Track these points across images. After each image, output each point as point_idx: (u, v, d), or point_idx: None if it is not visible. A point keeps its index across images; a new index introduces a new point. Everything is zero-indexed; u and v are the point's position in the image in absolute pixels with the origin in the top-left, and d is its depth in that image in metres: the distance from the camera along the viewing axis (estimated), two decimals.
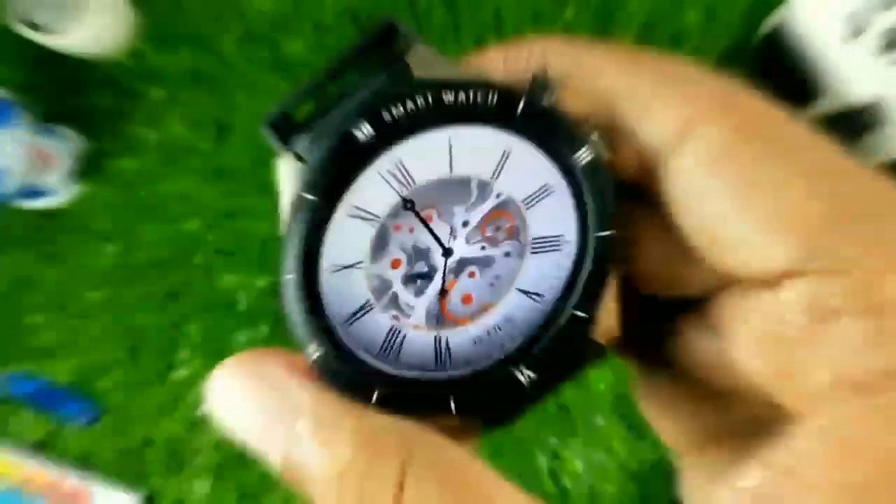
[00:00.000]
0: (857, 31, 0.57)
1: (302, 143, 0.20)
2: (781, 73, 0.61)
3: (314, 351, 0.19)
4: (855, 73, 0.57)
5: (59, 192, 0.63)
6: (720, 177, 0.18)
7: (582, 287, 0.20)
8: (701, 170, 0.18)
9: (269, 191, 0.61)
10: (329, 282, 0.20)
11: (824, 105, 0.59)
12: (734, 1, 0.62)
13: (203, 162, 0.62)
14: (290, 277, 0.19)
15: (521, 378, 0.19)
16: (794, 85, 0.60)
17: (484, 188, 0.20)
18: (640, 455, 0.57)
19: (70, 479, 0.60)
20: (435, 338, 0.20)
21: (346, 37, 0.62)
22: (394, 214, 0.20)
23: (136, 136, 0.63)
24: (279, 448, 0.18)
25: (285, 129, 0.21)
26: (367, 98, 0.20)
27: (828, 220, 0.17)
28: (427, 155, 0.20)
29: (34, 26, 0.58)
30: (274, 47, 0.62)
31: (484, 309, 0.20)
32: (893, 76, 0.57)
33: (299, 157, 0.20)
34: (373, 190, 0.20)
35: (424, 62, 0.21)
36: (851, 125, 0.60)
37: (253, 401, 0.18)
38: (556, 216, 0.20)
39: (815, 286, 0.17)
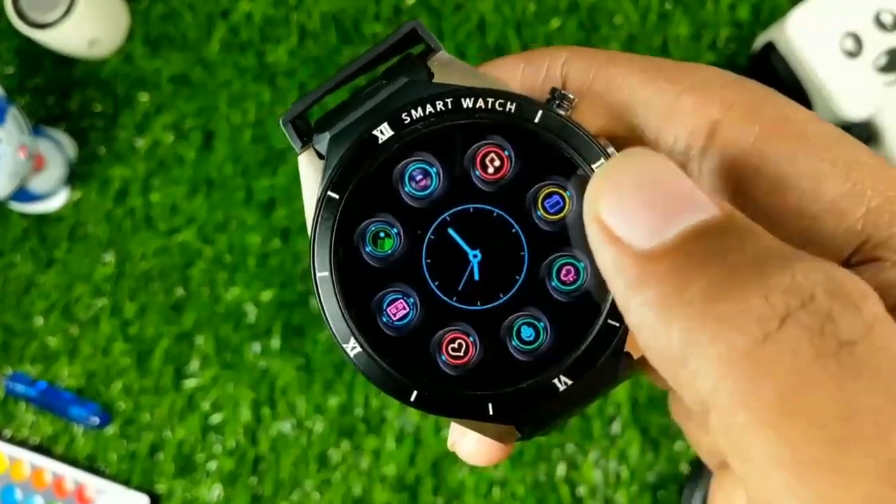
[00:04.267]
0: (855, 50, 0.55)
1: (321, 141, 0.20)
2: (773, 87, 0.60)
3: (352, 347, 0.19)
4: (851, 90, 0.56)
5: (53, 196, 0.61)
6: (752, 174, 0.18)
7: (611, 296, 0.20)
8: (733, 169, 0.18)
9: (255, 203, 0.61)
10: (365, 280, 0.20)
11: None
12: (725, 15, 0.59)
13: (189, 172, 0.61)
14: (324, 275, 0.20)
15: (559, 385, 0.20)
16: None
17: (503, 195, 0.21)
18: (654, 466, 0.57)
19: (74, 478, 0.59)
20: (476, 339, 0.20)
21: (330, 45, 0.61)
22: (417, 216, 0.20)
23: (125, 143, 0.62)
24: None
25: (304, 127, 0.21)
26: (387, 100, 0.20)
27: (874, 213, 0.17)
28: (444, 158, 0.20)
29: (28, 20, 0.56)
30: (259, 55, 0.61)
31: (522, 313, 0.20)
32: (890, 95, 0.55)
33: (319, 155, 0.21)
34: (394, 191, 0.20)
35: (444, 68, 0.21)
36: None
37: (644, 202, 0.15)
38: (575, 224, 0.20)
39: (878, 275, 0.16)
